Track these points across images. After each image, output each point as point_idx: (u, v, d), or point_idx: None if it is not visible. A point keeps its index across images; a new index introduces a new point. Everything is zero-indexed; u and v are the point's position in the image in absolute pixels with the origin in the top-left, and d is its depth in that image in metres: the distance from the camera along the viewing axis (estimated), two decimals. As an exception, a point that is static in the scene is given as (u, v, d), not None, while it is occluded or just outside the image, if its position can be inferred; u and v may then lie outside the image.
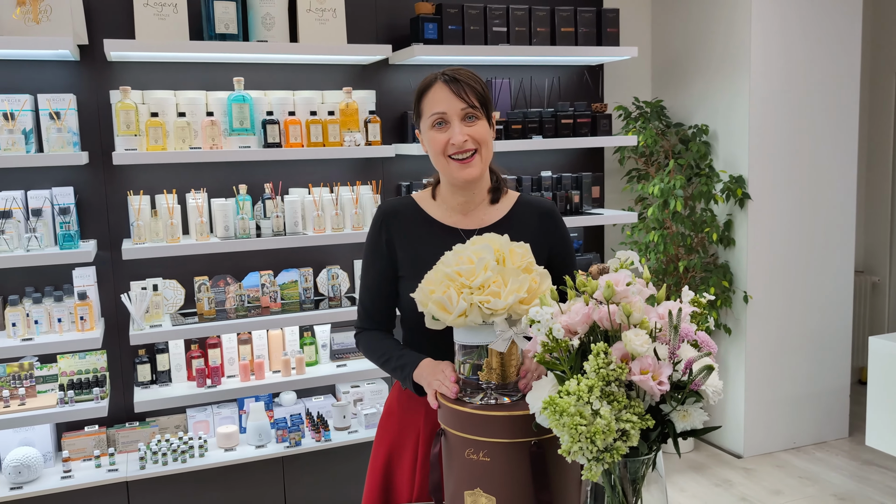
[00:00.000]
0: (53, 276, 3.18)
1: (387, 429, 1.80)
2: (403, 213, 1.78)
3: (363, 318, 1.82)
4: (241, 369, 3.29)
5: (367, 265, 1.80)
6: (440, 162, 1.70)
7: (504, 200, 1.80)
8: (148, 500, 3.08)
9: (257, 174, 3.39)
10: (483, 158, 1.69)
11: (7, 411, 2.97)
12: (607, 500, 1.21)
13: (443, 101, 1.64)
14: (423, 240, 1.70)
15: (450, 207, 1.77)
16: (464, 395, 1.39)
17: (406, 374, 1.61)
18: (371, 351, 1.77)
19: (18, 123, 2.94)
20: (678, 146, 4.07)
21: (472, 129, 1.66)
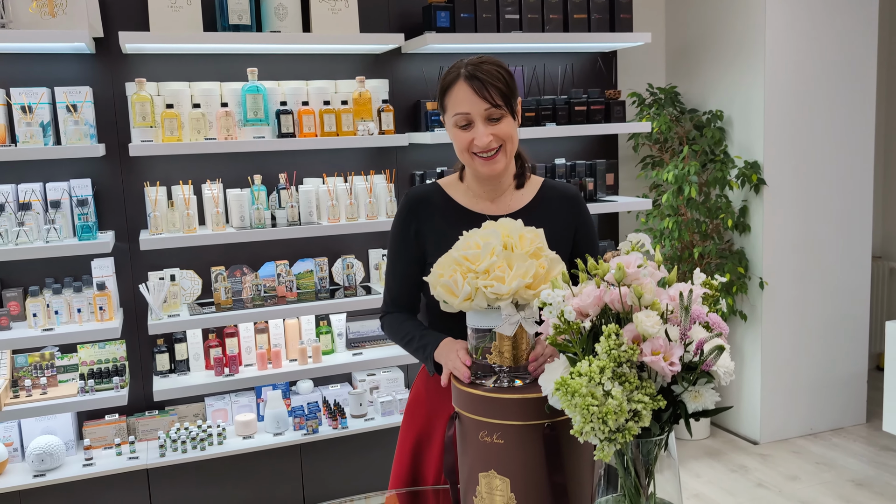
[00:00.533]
0: (73, 267, 3.22)
1: (415, 414, 1.83)
2: (430, 200, 1.80)
3: (388, 303, 1.85)
4: (258, 358, 3.33)
5: (394, 252, 1.82)
6: (465, 157, 1.71)
7: (529, 185, 1.81)
8: (168, 487, 3.12)
9: (272, 164, 3.41)
10: (507, 153, 1.71)
11: (29, 400, 3.02)
12: (620, 481, 1.22)
13: (465, 101, 1.65)
14: (451, 226, 1.71)
15: (476, 194, 1.79)
16: (477, 378, 1.41)
17: (427, 353, 1.64)
18: (395, 332, 1.80)
19: (36, 116, 2.98)
20: (692, 132, 4.06)
21: (496, 128, 1.66)
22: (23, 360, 3.14)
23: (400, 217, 1.81)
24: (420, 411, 1.82)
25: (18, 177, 3.11)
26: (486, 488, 1.37)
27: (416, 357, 1.73)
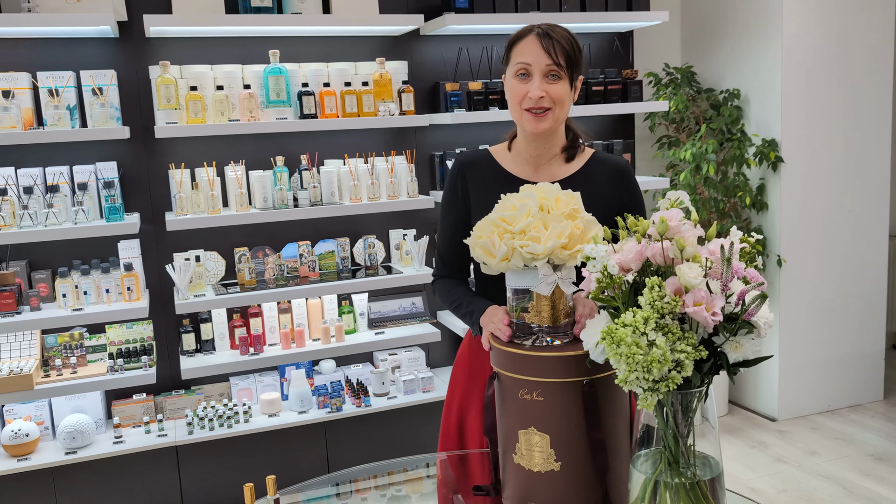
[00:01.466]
0: (100, 249, 3.27)
1: (459, 374, 1.90)
2: (478, 164, 1.85)
3: (439, 265, 1.91)
4: (282, 337, 3.37)
5: (444, 214, 1.87)
6: (516, 112, 1.75)
7: (578, 158, 1.84)
8: (197, 463, 3.17)
9: (294, 146, 3.45)
10: (556, 117, 1.74)
11: (59, 379, 3.07)
12: (660, 433, 1.26)
13: (530, 53, 1.69)
14: (496, 191, 1.74)
15: (524, 160, 1.83)
16: (516, 338, 1.44)
17: (474, 319, 1.68)
18: (445, 297, 1.85)
19: (63, 99, 3.02)
20: (709, 112, 4.07)
21: (552, 86, 1.70)
22: (53, 341, 3.20)
23: (450, 182, 1.86)
24: (463, 372, 1.87)
25: (46, 159, 3.16)
26: (525, 445, 1.41)
27: (464, 321, 1.78)
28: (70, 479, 3.04)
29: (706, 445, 1.29)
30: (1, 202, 2.96)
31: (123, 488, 3.10)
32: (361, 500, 1.98)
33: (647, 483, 1.27)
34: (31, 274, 3.17)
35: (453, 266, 1.88)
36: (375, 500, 1.94)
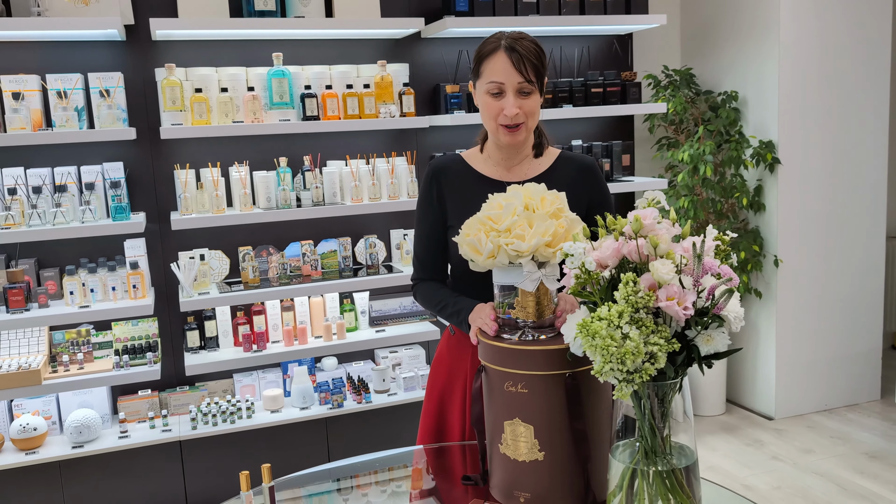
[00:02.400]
0: (106, 247, 3.34)
1: (438, 373, 1.95)
2: (451, 168, 1.91)
3: (418, 268, 1.95)
4: (284, 335, 3.43)
5: (420, 218, 1.92)
6: (490, 125, 1.81)
7: (546, 156, 1.91)
8: (200, 458, 3.24)
9: (297, 147, 3.51)
10: (528, 127, 1.82)
11: (67, 375, 3.14)
12: (638, 424, 1.31)
13: (502, 71, 1.74)
14: (470, 192, 1.82)
15: (495, 162, 1.89)
16: (503, 333, 1.50)
17: (462, 318, 1.73)
18: (427, 300, 1.90)
19: (71, 101, 3.09)
20: (707, 113, 4.11)
21: (526, 101, 1.76)
22: (60, 337, 3.27)
23: (425, 186, 1.92)
24: (442, 369, 1.92)
25: (55, 160, 3.23)
26: (511, 435, 1.46)
27: (450, 321, 1.83)
28: (77, 472, 3.11)
29: (682, 436, 1.35)
30: (10, 201, 3.03)
31: (128, 482, 3.17)
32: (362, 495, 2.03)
33: (624, 472, 1.33)
34: (39, 272, 3.24)
35: (432, 269, 1.93)
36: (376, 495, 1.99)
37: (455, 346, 1.89)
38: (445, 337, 1.96)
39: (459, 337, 1.87)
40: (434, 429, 1.92)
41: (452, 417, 1.89)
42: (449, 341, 1.93)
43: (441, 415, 1.92)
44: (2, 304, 3.08)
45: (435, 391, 1.93)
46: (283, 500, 1.90)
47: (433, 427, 1.92)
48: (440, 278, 1.95)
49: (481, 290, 1.70)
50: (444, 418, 1.91)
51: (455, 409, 1.88)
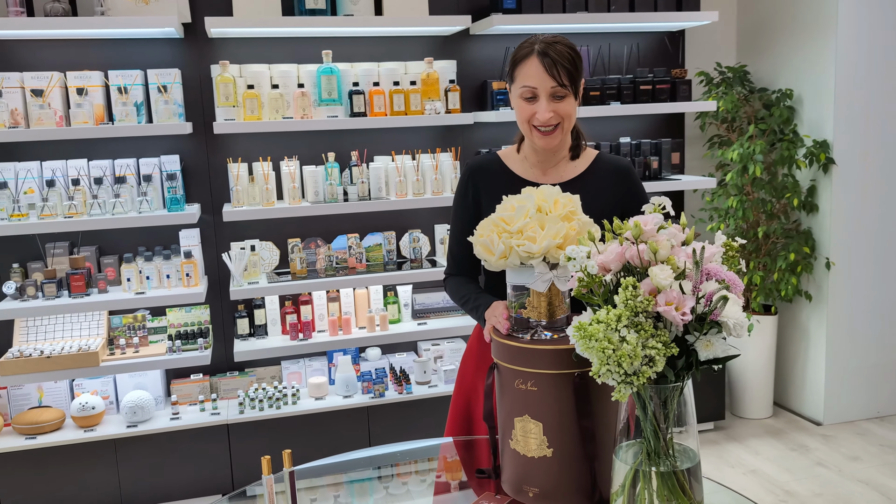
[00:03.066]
0: (162, 237, 3.49)
1: (467, 366, 2.00)
2: (488, 168, 1.94)
3: (451, 264, 2.01)
4: (330, 325, 3.53)
5: (455, 216, 1.98)
6: (524, 128, 1.85)
7: (583, 157, 1.93)
8: (246, 441, 3.36)
9: (345, 142, 3.59)
10: (564, 130, 1.83)
11: (123, 358, 3.30)
12: (641, 423, 1.34)
13: (535, 76, 1.76)
14: (505, 193, 1.84)
15: (532, 164, 1.93)
16: (515, 332, 1.54)
17: (480, 314, 1.79)
18: (454, 293, 1.96)
19: (131, 96, 3.23)
20: (761, 111, 4.04)
21: (559, 105, 1.78)
22: (118, 321, 3.43)
23: (461, 184, 1.96)
24: (471, 362, 1.98)
25: (115, 152, 3.39)
26: (521, 432, 1.51)
27: (471, 315, 1.88)
28: (130, 450, 3.26)
29: (685, 438, 1.36)
30: (74, 192, 3.20)
31: (178, 461, 3.31)
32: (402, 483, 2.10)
33: (627, 473, 1.35)
34: (100, 259, 3.41)
35: (464, 265, 1.98)
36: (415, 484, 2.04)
37: (484, 341, 1.93)
38: (477, 330, 2.02)
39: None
40: (462, 421, 1.97)
41: (479, 410, 1.93)
42: (480, 335, 1.98)
43: (469, 407, 1.97)
44: (65, 288, 3.25)
45: (464, 384, 1.98)
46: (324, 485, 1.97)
47: (461, 419, 1.97)
48: (471, 275, 2.00)
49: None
50: (471, 410, 1.96)
51: (482, 402, 1.92)
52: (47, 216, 3.14)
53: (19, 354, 3.20)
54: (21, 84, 3.15)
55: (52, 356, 3.17)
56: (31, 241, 3.35)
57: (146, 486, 3.29)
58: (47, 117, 3.13)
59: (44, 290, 3.20)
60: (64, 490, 3.22)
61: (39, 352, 3.22)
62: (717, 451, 3.71)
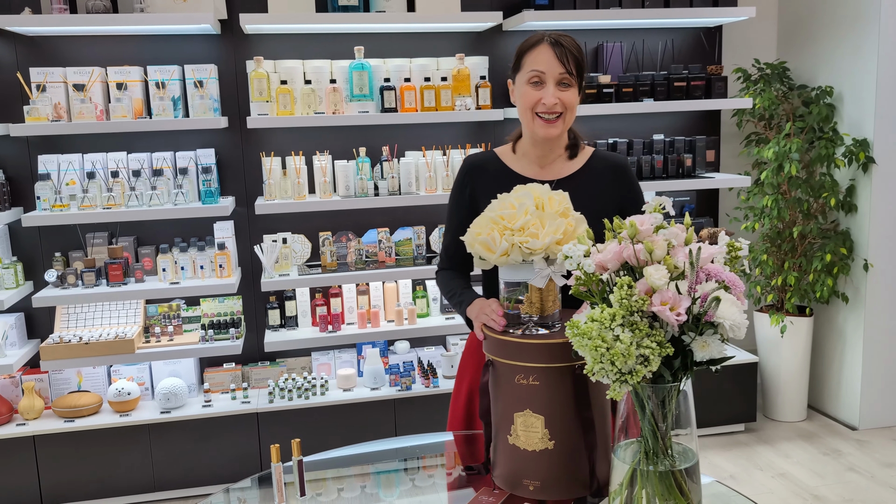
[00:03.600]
0: (198, 228, 3.58)
1: (468, 363, 2.01)
2: (485, 166, 1.96)
3: (444, 259, 2.04)
4: (359, 317, 3.58)
5: (451, 212, 2.00)
6: (526, 116, 1.86)
7: (580, 156, 1.94)
8: (275, 430, 3.43)
9: (376, 137, 3.63)
10: (566, 121, 1.85)
11: (158, 345, 3.40)
12: (640, 420, 1.34)
13: (544, 61, 1.79)
14: (503, 189, 1.85)
15: (529, 160, 1.93)
16: (507, 328, 1.55)
17: (462, 309, 1.81)
18: (443, 287, 1.99)
19: (168, 91, 3.32)
20: (800, 109, 3.96)
21: (564, 94, 1.81)
22: (154, 310, 3.53)
23: (458, 180, 1.98)
24: (472, 360, 1.99)
25: (153, 146, 3.48)
26: (521, 426, 1.52)
27: (456, 311, 1.90)
28: (163, 435, 3.36)
29: (685, 439, 1.36)
30: (113, 183, 3.30)
31: (209, 447, 3.40)
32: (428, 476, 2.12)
33: (626, 472, 1.36)
34: (137, 249, 3.50)
35: (456, 261, 2.00)
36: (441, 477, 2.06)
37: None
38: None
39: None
40: (463, 417, 1.99)
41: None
42: None
43: (470, 403, 1.98)
44: (103, 277, 3.36)
45: (465, 381, 2.00)
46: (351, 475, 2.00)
47: (462, 415, 1.99)
48: (463, 270, 2.02)
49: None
50: (472, 407, 1.98)
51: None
52: (87, 207, 3.24)
53: (59, 340, 3.31)
54: (64, 79, 3.26)
55: (90, 343, 3.28)
56: (73, 231, 3.46)
57: (178, 470, 3.39)
58: (88, 111, 3.23)
59: (83, 278, 3.31)
60: (100, 472, 3.33)
61: (78, 338, 3.33)
62: (746, 453, 3.66)
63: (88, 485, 3.33)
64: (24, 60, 3.33)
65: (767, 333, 3.96)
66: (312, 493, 1.86)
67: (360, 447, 2.12)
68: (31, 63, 3.33)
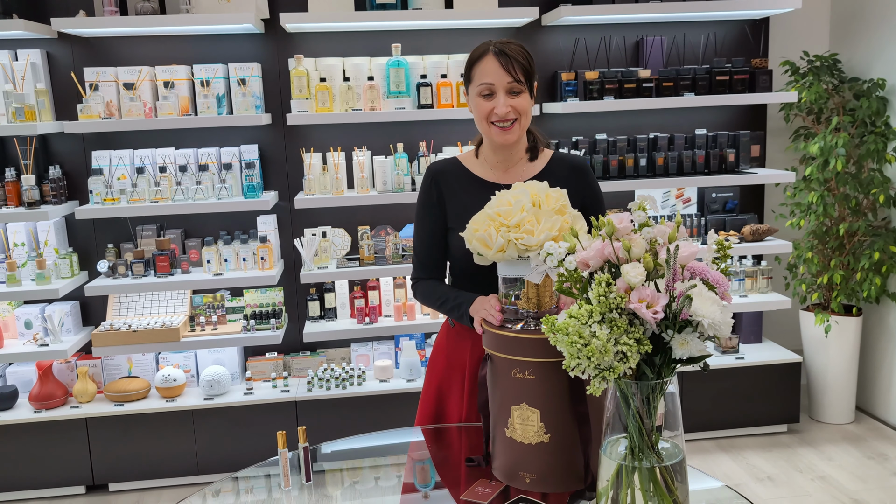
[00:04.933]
0: (243, 222, 3.69)
1: (437, 362, 2.04)
2: (449, 171, 1.98)
3: (418, 268, 2.03)
4: (395, 310, 3.64)
5: (420, 220, 2.00)
6: (483, 125, 1.89)
7: (540, 158, 1.98)
8: (313, 418, 3.53)
9: (413, 133, 3.68)
10: (521, 126, 1.88)
11: (202, 334, 3.53)
12: (624, 414, 1.36)
13: (491, 73, 1.83)
14: (468, 195, 1.90)
15: (491, 165, 1.97)
16: (505, 323, 1.58)
17: (463, 311, 1.81)
18: (428, 297, 1.98)
19: (212, 89, 3.44)
20: (851, 102, 3.85)
21: (515, 101, 1.84)
22: (199, 300, 3.67)
23: (423, 188, 1.99)
24: (441, 359, 2.02)
25: (200, 142, 3.61)
26: (518, 419, 1.55)
27: (451, 316, 1.90)
28: (206, 421, 3.49)
29: (671, 438, 1.37)
30: (160, 178, 3.44)
31: (249, 434, 3.51)
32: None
33: (614, 469, 1.37)
34: (185, 241, 3.64)
35: (432, 268, 2.00)
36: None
37: (454, 338, 1.98)
38: (444, 329, 2.05)
39: (458, 329, 1.95)
40: (433, 415, 2.02)
41: (451, 405, 1.98)
42: (448, 333, 2.01)
43: (440, 402, 2.01)
44: (151, 268, 3.50)
45: (434, 380, 2.03)
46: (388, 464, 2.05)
47: (431, 413, 2.02)
48: (439, 276, 2.02)
49: (481, 286, 1.80)
50: (442, 405, 2.01)
51: (454, 397, 1.97)
52: (135, 201, 3.39)
53: (110, 328, 3.47)
54: (115, 78, 3.41)
55: (138, 330, 3.43)
56: (124, 224, 3.62)
57: (220, 454, 3.51)
58: (137, 109, 3.37)
59: (133, 269, 3.46)
60: (147, 454, 3.48)
61: (127, 326, 3.48)
62: (786, 454, 3.59)
63: (136, 466, 3.48)
64: (80, 61, 3.50)
65: (813, 333, 3.87)
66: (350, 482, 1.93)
67: (386, 435, 2.16)
68: (85, 63, 3.49)
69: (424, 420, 2.04)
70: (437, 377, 2.02)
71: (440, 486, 1.78)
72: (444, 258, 2.01)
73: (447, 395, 2.00)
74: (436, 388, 2.02)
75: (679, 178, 3.63)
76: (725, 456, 3.61)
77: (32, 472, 3.43)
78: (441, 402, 2.02)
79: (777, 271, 4.19)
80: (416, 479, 1.87)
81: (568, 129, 3.77)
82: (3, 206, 3.37)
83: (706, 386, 3.71)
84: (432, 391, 2.03)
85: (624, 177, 3.64)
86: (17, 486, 3.44)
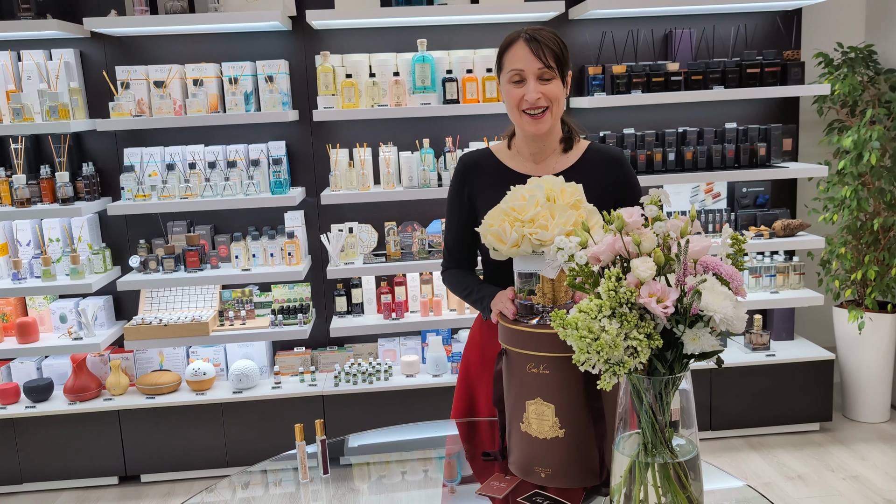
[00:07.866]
0: (271, 218, 3.73)
1: (470, 355, 2.05)
2: (481, 163, 1.97)
3: (448, 258, 2.05)
4: (421, 306, 3.65)
5: (451, 212, 2.01)
6: (514, 114, 1.87)
7: (575, 149, 1.94)
8: (339, 412, 3.56)
9: (440, 128, 3.69)
10: (553, 114, 1.85)
11: (231, 329, 3.57)
12: (638, 412, 1.35)
13: (522, 59, 1.80)
14: (499, 186, 1.87)
15: (524, 157, 1.95)
16: (521, 318, 1.58)
17: (485, 304, 1.82)
18: (455, 286, 2.00)
19: (240, 86, 3.47)
20: (887, 94, 3.76)
21: (546, 87, 1.81)
22: (228, 295, 3.71)
23: (455, 179, 1.99)
24: (475, 352, 2.02)
25: (229, 138, 3.65)
26: (533, 414, 1.54)
27: (475, 307, 1.92)
28: (235, 414, 3.54)
29: (685, 431, 1.36)
30: (190, 175, 3.49)
31: (277, 427, 3.55)
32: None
33: (627, 464, 1.37)
34: (214, 237, 3.69)
35: (461, 258, 2.02)
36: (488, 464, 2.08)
37: (487, 331, 1.97)
38: (478, 322, 2.05)
39: (491, 323, 1.94)
40: (465, 408, 2.02)
41: (481, 398, 1.98)
42: (482, 326, 2.01)
43: (471, 395, 2.01)
44: (181, 263, 3.56)
45: (467, 373, 2.03)
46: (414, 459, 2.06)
47: (465, 407, 2.03)
48: (469, 266, 2.03)
49: (511, 278, 1.77)
50: (473, 399, 2.01)
51: (484, 391, 1.97)
52: (166, 197, 3.44)
53: (141, 322, 3.54)
54: (145, 76, 3.46)
55: (168, 325, 3.48)
56: (155, 220, 3.68)
57: (248, 447, 3.56)
58: (167, 106, 3.43)
59: (163, 264, 3.51)
60: (177, 446, 3.54)
61: (158, 320, 3.54)
62: (818, 453, 3.53)
63: (167, 458, 3.54)
64: (112, 59, 3.56)
65: (846, 330, 3.79)
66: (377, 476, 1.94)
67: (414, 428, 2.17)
68: (116, 62, 3.55)
69: (458, 413, 2.05)
70: (472, 371, 2.02)
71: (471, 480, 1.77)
72: (474, 249, 2.02)
73: (478, 390, 2.00)
74: (468, 382, 2.03)
75: (708, 172, 3.59)
76: (755, 454, 3.56)
77: (67, 462, 3.51)
78: (473, 397, 2.02)
79: (810, 267, 4.11)
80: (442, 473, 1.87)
81: (595, 124, 3.74)
82: (39, 203, 3.45)
83: (737, 383, 3.66)
84: (465, 385, 2.04)
85: (652, 171, 3.60)
86: (51, 476, 3.52)
